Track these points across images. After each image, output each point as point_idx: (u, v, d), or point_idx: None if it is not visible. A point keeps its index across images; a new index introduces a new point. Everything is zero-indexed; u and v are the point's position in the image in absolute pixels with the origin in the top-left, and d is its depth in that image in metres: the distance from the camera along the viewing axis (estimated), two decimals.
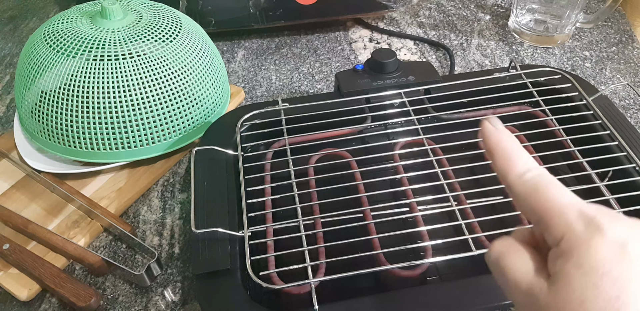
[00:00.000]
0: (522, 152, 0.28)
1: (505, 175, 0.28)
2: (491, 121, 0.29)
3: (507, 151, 0.28)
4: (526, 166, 0.27)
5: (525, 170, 0.27)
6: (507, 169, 0.28)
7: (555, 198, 0.26)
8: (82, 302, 0.44)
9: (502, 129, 0.29)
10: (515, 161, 0.28)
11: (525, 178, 0.27)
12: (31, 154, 0.55)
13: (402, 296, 0.39)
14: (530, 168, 0.27)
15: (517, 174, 0.27)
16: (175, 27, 0.54)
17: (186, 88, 0.53)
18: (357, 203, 0.46)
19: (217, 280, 0.41)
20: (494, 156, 0.28)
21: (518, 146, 0.28)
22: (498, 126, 0.29)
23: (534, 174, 0.27)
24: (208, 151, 0.49)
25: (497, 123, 0.29)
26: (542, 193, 0.26)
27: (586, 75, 0.66)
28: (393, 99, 0.53)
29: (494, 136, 0.29)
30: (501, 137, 0.29)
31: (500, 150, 0.28)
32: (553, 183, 0.26)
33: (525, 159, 0.28)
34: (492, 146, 0.29)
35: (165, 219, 0.52)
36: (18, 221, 0.49)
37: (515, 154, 0.28)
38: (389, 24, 0.76)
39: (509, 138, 0.29)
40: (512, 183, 0.27)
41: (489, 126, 0.29)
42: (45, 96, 0.50)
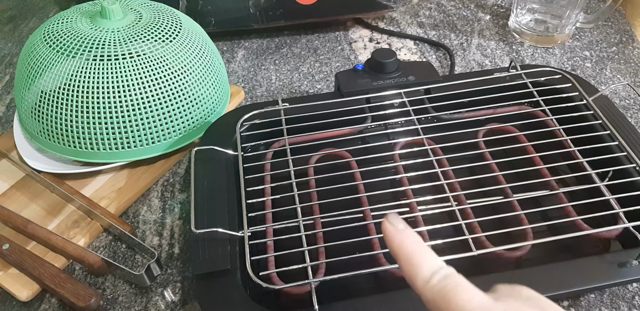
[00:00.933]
0: (426, 254, 0.27)
1: (412, 281, 0.27)
2: (391, 220, 0.28)
3: (410, 255, 0.27)
4: (431, 269, 0.27)
5: (430, 274, 0.27)
6: (413, 275, 0.27)
7: (462, 302, 0.25)
8: (82, 302, 0.44)
9: (403, 228, 0.28)
10: (420, 266, 0.27)
11: (431, 283, 0.26)
12: (31, 154, 0.55)
13: (402, 296, 0.39)
14: (436, 271, 0.27)
15: (423, 280, 0.27)
16: (175, 27, 0.54)
17: (186, 88, 0.53)
18: (357, 203, 0.46)
19: (217, 280, 0.41)
20: (398, 261, 0.28)
21: (421, 247, 0.28)
22: (399, 225, 0.28)
23: (439, 277, 0.26)
24: (208, 151, 0.49)
25: (398, 222, 0.28)
26: (449, 298, 0.26)
27: (586, 75, 0.66)
28: (393, 99, 0.53)
29: (396, 239, 0.28)
30: (402, 240, 0.28)
31: (404, 254, 0.28)
32: (460, 286, 0.26)
33: (430, 262, 0.27)
34: (395, 249, 0.28)
35: (165, 219, 0.52)
36: (18, 221, 0.49)
37: (418, 258, 0.27)
38: (389, 24, 0.76)
39: (411, 239, 0.28)
40: (419, 290, 0.27)
41: (389, 227, 0.28)
42: (45, 96, 0.50)
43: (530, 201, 0.47)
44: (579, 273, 0.40)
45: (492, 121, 0.53)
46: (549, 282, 0.40)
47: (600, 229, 0.42)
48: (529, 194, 0.47)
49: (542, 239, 0.41)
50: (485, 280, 0.39)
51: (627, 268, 0.40)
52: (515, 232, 0.43)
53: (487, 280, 0.39)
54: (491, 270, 0.41)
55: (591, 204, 0.44)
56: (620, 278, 0.40)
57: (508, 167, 0.48)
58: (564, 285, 0.40)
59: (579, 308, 0.44)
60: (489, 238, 0.43)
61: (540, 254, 0.45)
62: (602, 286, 0.42)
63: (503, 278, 0.40)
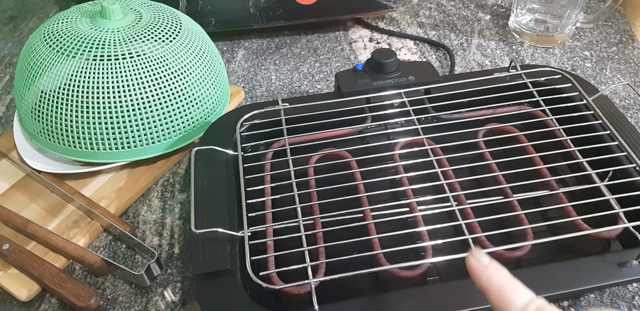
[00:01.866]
0: (516, 287, 0.27)
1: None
2: (476, 256, 0.28)
3: (500, 289, 0.27)
4: (523, 302, 0.27)
5: (522, 307, 0.26)
6: (504, 308, 0.27)
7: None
8: (82, 302, 0.44)
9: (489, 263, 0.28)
10: (511, 299, 0.27)
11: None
12: (31, 154, 0.55)
13: (402, 296, 0.39)
14: (528, 304, 0.27)
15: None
16: (175, 27, 0.54)
17: (186, 88, 0.53)
18: (357, 203, 0.46)
19: (217, 280, 0.41)
20: (488, 295, 0.28)
21: (510, 280, 0.28)
22: (484, 260, 0.28)
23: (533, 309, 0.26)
24: (208, 151, 0.49)
25: (482, 257, 0.28)
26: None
27: (586, 75, 0.66)
28: (393, 99, 0.53)
29: (484, 275, 0.28)
30: (491, 275, 0.28)
31: (493, 288, 0.27)
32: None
33: (522, 294, 0.27)
34: (484, 285, 0.28)
35: (165, 220, 0.52)
36: (18, 221, 0.49)
37: (509, 292, 0.27)
38: (389, 24, 0.76)
39: (499, 274, 0.28)
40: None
41: (475, 264, 0.28)
42: (45, 96, 0.50)
43: (530, 201, 0.47)
44: (579, 273, 0.40)
45: (492, 121, 0.53)
46: (549, 282, 0.40)
47: (600, 229, 0.42)
48: (529, 194, 0.47)
49: (542, 239, 0.41)
50: None
51: (627, 268, 0.40)
52: (515, 232, 0.43)
53: None
54: None
55: (591, 204, 0.44)
56: (620, 278, 0.40)
57: (508, 167, 0.48)
58: (564, 285, 0.40)
59: (579, 308, 0.44)
60: (489, 238, 0.43)
61: (540, 254, 0.45)
62: (602, 286, 0.42)
63: None
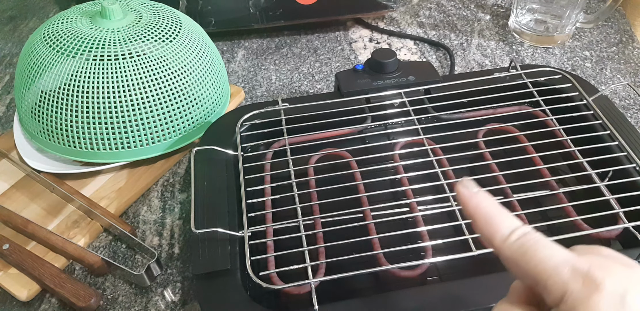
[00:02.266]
0: (504, 213, 0.28)
1: (490, 240, 0.27)
2: (465, 184, 0.29)
3: (487, 214, 0.27)
4: (510, 227, 0.27)
5: (509, 232, 0.27)
6: (491, 234, 0.27)
7: (545, 258, 0.25)
8: (82, 302, 0.44)
9: (478, 190, 0.28)
10: (498, 224, 0.27)
11: (510, 240, 0.26)
12: (31, 154, 0.55)
13: (402, 296, 0.39)
14: (514, 229, 0.27)
15: (501, 238, 0.27)
16: (175, 27, 0.54)
17: (186, 88, 0.53)
18: (357, 203, 0.46)
19: (217, 280, 0.41)
20: (475, 222, 0.28)
21: (498, 207, 0.28)
22: (473, 188, 0.28)
23: (518, 235, 0.26)
24: (208, 151, 0.49)
25: (472, 186, 0.28)
26: (531, 255, 0.25)
27: (586, 75, 0.66)
28: (393, 99, 0.53)
29: (472, 201, 0.28)
30: (479, 201, 0.28)
31: (481, 215, 0.28)
32: (540, 242, 0.26)
33: (508, 221, 0.27)
34: (471, 211, 0.28)
35: (165, 220, 0.52)
36: (18, 221, 0.49)
37: (496, 217, 0.27)
38: (389, 24, 0.76)
39: (487, 201, 0.28)
40: (498, 248, 0.27)
41: (464, 191, 0.28)
42: (45, 96, 0.50)
43: (530, 201, 0.47)
44: None
45: (492, 121, 0.53)
46: None
47: (600, 229, 0.42)
48: (529, 194, 0.47)
49: None
50: (485, 280, 0.40)
51: None
52: None
53: (487, 280, 0.40)
54: (491, 270, 0.41)
55: (591, 204, 0.44)
56: None
57: (508, 167, 0.48)
58: None
59: None
60: None
61: None
62: None
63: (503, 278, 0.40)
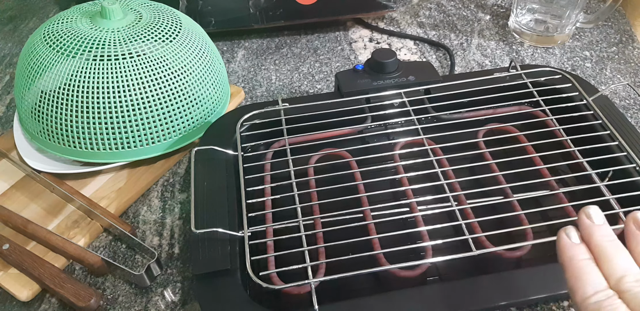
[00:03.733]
0: (595, 274, 0.27)
1: (572, 294, 0.27)
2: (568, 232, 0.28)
3: (578, 270, 0.27)
4: (595, 289, 0.27)
5: (592, 293, 0.26)
6: (575, 289, 0.27)
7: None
8: (82, 302, 0.44)
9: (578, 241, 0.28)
10: (585, 282, 0.27)
11: (589, 301, 0.26)
12: (31, 154, 0.55)
13: (402, 296, 0.39)
14: (599, 291, 0.26)
15: (582, 296, 0.27)
16: (175, 27, 0.54)
17: (186, 88, 0.53)
18: (357, 203, 0.46)
19: (217, 280, 0.41)
20: (565, 272, 0.28)
21: (592, 266, 0.27)
22: (574, 239, 0.28)
23: (599, 298, 0.26)
24: (208, 151, 0.49)
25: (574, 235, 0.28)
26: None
27: (586, 75, 0.66)
28: (393, 99, 0.53)
29: (568, 251, 0.28)
30: (574, 254, 0.28)
31: (572, 269, 0.28)
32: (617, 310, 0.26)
33: (596, 282, 0.27)
34: (564, 261, 0.28)
35: (165, 220, 0.52)
36: (18, 221, 0.49)
37: (586, 275, 0.27)
38: (389, 24, 0.76)
39: (583, 256, 0.28)
40: (577, 304, 0.27)
41: (564, 239, 0.28)
42: (45, 96, 0.50)
43: (530, 201, 0.47)
44: None
45: (492, 121, 0.53)
46: (549, 282, 0.40)
47: None
48: (529, 194, 0.47)
49: (542, 239, 0.41)
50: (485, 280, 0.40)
51: None
52: (515, 232, 0.43)
53: (487, 280, 0.40)
54: (491, 270, 0.41)
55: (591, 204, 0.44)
56: None
57: (508, 167, 0.48)
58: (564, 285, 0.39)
59: None
60: (489, 238, 0.43)
61: (540, 254, 0.45)
62: None
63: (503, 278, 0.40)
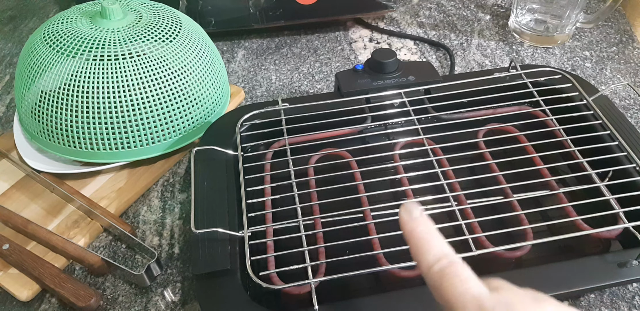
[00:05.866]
0: (435, 241, 0.29)
1: (418, 266, 0.29)
2: (407, 208, 0.30)
3: (419, 240, 0.29)
4: (436, 256, 0.28)
5: (434, 261, 0.28)
6: (419, 260, 0.28)
7: (458, 293, 0.26)
8: (82, 302, 0.44)
9: (417, 216, 0.30)
10: (426, 252, 0.28)
11: (433, 269, 0.28)
12: (31, 154, 0.55)
13: (402, 296, 0.39)
14: (440, 258, 0.28)
15: (427, 266, 0.28)
16: (175, 27, 0.54)
17: (186, 88, 0.53)
18: (357, 203, 0.46)
19: (217, 280, 0.41)
20: (410, 246, 0.29)
21: (432, 234, 0.29)
22: (414, 213, 0.30)
23: (441, 265, 0.27)
24: (208, 151, 0.49)
25: (414, 210, 0.30)
26: (446, 286, 0.27)
27: (586, 75, 0.66)
28: (393, 99, 0.53)
29: (408, 225, 0.29)
30: (413, 227, 0.29)
31: (413, 240, 0.29)
32: (458, 276, 0.27)
33: (436, 249, 0.28)
34: (406, 235, 0.29)
35: (165, 220, 0.52)
36: (18, 221, 0.49)
37: (427, 245, 0.28)
38: (389, 24, 0.76)
39: (422, 227, 0.29)
40: (423, 274, 0.28)
41: (403, 215, 0.30)
42: (45, 96, 0.50)
43: (530, 201, 0.47)
44: (579, 273, 0.40)
45: (492, 121, 0.53)
46: (549, 282, 0.40)
47: (600, 229, 0.42)
48: (529, 194, 0.47)
49: (542, 239, 0.41)
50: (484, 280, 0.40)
51: (627, 268, 0.40)
52: (515, 232, 0.43)
53: None
54: (491, 270, 0.41)
55: (591, 204, 0.44)
56: (620, 278, 0.40)
57: (508, 167, 0.48)
58: (564, 285, 0.40)
59: (579, 308, 0.44)
60: (489, 238, 0.43)
61: (540, 254, 0.45)
62: (602, 286, 0.42)
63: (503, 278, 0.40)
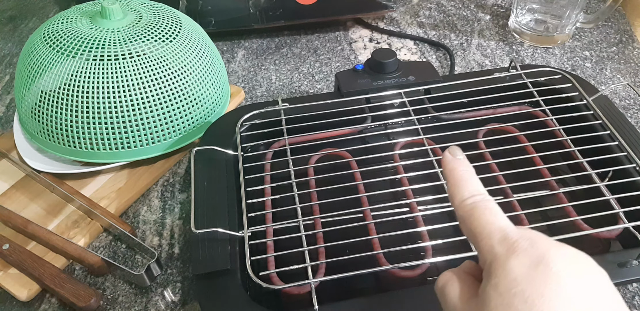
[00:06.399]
0: (472, 181, 0.30)
1: (452, 199, 0.30)
2: (451, 149, 0.32)
3: (458, 178, 0.30)
4: (471, 193, 0.30)
5: (468, 196, 0.29)
6: (454, 194, 0.30)
7: (486, 223, 0.28)
8: (82, 302, 0.44)
9: (460, 158, 0.31)
10: (462, 188, 0.30)
11: (466, 202, 0.29)
12: (31, 154, 0.55)
13: (402, 296, 0.39)
14: (474, 194, 0.29)
15: (460, 199, 0.30)
16: (175, 27, 0.54)
17: (186, 88, 0.53)
18: (357, 203, 0.46)
19: (217, 280, 0.41)
20: (448, 182, 0.31)
21: (470, 174, 0.31)
22: (457, 155, 0.31)
23: (474, 200, 0.29)
24: (208, 151, 0.49)
25: (457, 152, 0.32)
26: (475, 217, 0.28)
27: (586, 75, 0.66)
28: (393, 99, 0.53)
29: (450, 164, 0.31)
30: (455, 166, 0.31)
31: (452, 177, 0.31)
32: (489, 209, 0.29)
33: (472, 187, 0.30)
34: (446, 173, 0.31)
35: (165, 220, 0.52)
36: (18, 221, 0.49)
37: (464, 182, 0.30)
38: (389, 24, 0.76)
39: (463, 167, 0.31)
40: (455, 207, 0.30)
41: (447, 155, 0.32)
42: (45, 96, 0.50)
43: (530, 201, 0.47)
44: None
45: (492, 121, 0.53)
46: None
47: (600, 229, 0.42)
48: (529, 194, 0.47)
49: None
50: None
51: (627, 268, 0.40)
52: None
53: None
54: None
55: (591, 204, 0.44)
56: (620, 278, 0.40)
57: (508, 167, 0.48)
58: None
59: None
60: None
61: None
62: None
63: None
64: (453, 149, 0.32)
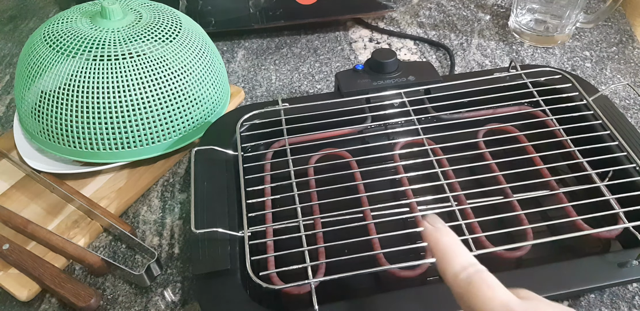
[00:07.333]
0: (460, 251, 0.29)
1: (443, 275, 0.29)
2: (429, 220, 0.31)
3: (443, 250, 0.29)
4: (461, 265, 0.28)
5: (460, 269, 0.28)
6: (445, 269, 0.29)
7: (485, 299, 0.27)
8: (82, 302, 0.44)
9: (440, 227, 0.30)
10: (452, 261, 0.29)
11: (460, 277, 0.28)
12: (31, 154, 0.55)
13: (402, 297, 0.39)
14: (466, 266, 0.28)
15: (453, 274, 0.28)
16: (175, 27, 0.54)
17: (186, 88, 0.53)
18: (357, 203, 0.46)
19: (217, 280, 0.41)
20: (435, 255, 0.30)
21: (456, 244, 0.29)
22: (436, 224, 0.30)
23: (468, 273, 0.28)
24: (208, 151, 0.49)
25: (436, 221, 0.30)
26: (474, 294, 0.27)
27: (586, 75, 0.66)
28: (393, 99, 0.53)
29: (432, 236, 0.30)
30: (438, 237, 0.30)
31: (438, 250, 0.29)
32: (486, 283, 0.27)
33: (462, 259, 0.29)
34: (431, 245, 0.30)
35: (165, 220, 0.52)
36: (18, 221, 0.49)
37: (452, 254, 0.29)
38: (389, 24, 0.76)
39: (446, 237, 0.30)
40: (449, 283, 0.28)
41: (427, 226, 0.30)
42: (45, 96, 0.50)
43: (530, 201, 0.47)
44: (579, 273, 0.40)
45: (492, 121, 0.53)
46: (549, 282, 0.40)
47: (600, 229, 0.42)
48: (529, 194, 0.47)
49: (542, 239, 0.41)
50: None
51: (627, 268, 0.40)
52: (515, 232, 0.43)
53: None
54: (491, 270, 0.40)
55: (591, 204, 0.44)
56: (620, 278, 0.40)
57: (508, 167, 0.48)
58: (564, 285, 0.40)
59: (579, 308, 0.44)
60: (489, 238, 0.43)
61: (540, 254, 0.45)
62: (602, 286, 0.42)
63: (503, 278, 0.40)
64: (431, 218, 0.31)
